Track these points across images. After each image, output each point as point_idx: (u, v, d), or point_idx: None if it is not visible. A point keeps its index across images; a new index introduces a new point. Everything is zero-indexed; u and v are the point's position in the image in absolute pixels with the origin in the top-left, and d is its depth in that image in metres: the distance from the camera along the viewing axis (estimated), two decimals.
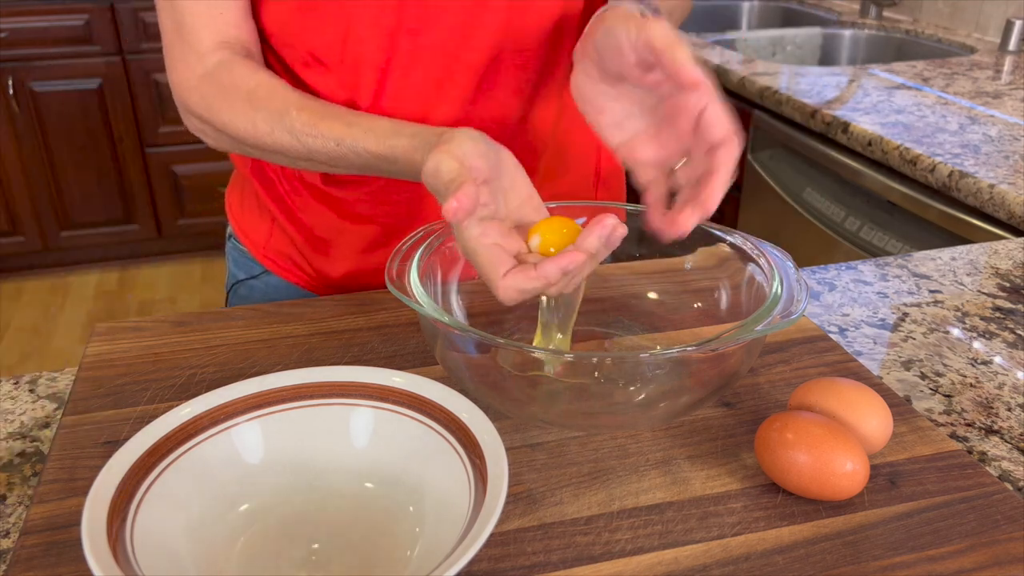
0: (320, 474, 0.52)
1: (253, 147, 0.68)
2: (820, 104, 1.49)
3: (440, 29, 0.70)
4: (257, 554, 0.47)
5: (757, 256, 0.60)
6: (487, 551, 0.48)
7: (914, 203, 1.30)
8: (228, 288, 0.92)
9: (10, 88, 2.56)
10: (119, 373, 0.64)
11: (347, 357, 0.66)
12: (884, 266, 0.86)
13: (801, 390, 0.56)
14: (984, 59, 1.82)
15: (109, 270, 2.97)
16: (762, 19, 2.51)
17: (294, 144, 0.65)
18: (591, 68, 0.58)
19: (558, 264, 0.50)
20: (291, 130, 0.65)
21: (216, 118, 0.68)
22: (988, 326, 0.75)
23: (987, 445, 0.60)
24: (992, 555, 0.48)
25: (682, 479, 0.54)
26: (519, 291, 0.51)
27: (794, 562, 0.47)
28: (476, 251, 0.52)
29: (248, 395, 0.52)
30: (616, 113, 0.58)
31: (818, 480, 0.50)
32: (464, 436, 0.49)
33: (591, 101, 0.59)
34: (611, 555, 0.48)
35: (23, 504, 0.53)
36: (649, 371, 0.56)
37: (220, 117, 0.68)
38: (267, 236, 0.86)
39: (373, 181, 0.77)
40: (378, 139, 0.62)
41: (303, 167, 0.70)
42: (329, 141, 0.64)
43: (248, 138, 0.67)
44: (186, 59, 0.69)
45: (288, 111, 0.65)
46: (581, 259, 0.50)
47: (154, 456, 0.48)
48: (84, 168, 2.74)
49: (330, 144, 0.64)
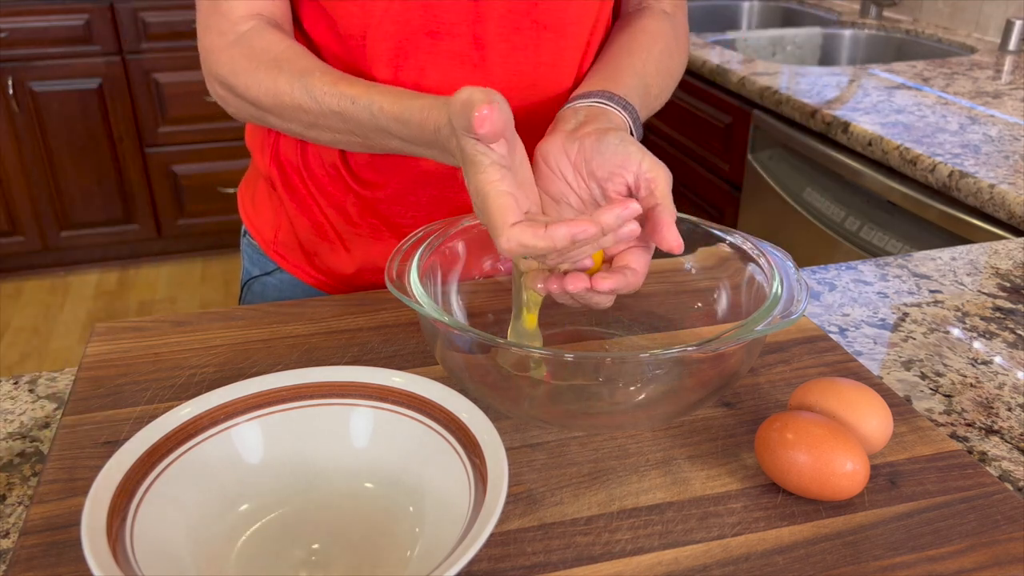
0: (320, 474, 0.52)
1: (272, 108, 0.69)
2: (820, 104, 1.49)
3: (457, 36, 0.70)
4: (257, 554, 0.47)
5: (757, 256, 0.60)
6: (487, 551, 0.48)
7: (914, 203, 1.30)
8: (243, 284, 0.94)
9: (10, 88, 2.56)
10: (119, 373, 0.64)
11: (347, 357, 0.66)
12: (884, 266, 0.86)
13: (801, 390, 0.56)
14: (984, 59, 1.82)
15: (109, 270, 2.97)
16: (762, 19, 2.51)
17: (311, 104, 0.66)
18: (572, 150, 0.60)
19: (569, 228, 0.49)
20: (311, 90, 0.66)
21: (240, 81, 0.69)
22: (988, 326, 0.75)
23: (987, 445, 0.60)
24: (992, 555, 0.48)
25: (682, 479, 0.54)
26: (522, 245, 0.50)
27: (794, 562, 0.47)
28: (488, 195, 0.51)
29: (248, 395, 0.52)
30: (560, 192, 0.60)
31: (818, 480, 0.50)
32: (464, 436, 0.49)
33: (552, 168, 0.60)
34: (611, 555, 0.48)
35: (23, 504, 0.53)
36: (649, 371, 0.56)
37: (244, 79, 0.69)
38: (276, 231, 0.86)
39: (396, 178, 0.77)
40: (394, 99, 0.62)
41: (315, 137, 0.70)
42: (346, 99, 0.65)
43: (268, 99, 0.68)
44: (219, 26, 0.71)
45: (312, 72, 0.66)
46: (593, 230, 0.50)
47: (154, 456, 0.48)
48: (84, 168, 2.74)
49: (346, 103, 0.65)
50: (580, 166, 0.59)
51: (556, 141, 0.61)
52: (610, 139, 0.58)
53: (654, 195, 0.55)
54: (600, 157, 0.58)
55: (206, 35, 0.72)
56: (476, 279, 0.67)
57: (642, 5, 0.81)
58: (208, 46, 0.72)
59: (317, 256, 0.85)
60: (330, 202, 0.81)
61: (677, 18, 0.81)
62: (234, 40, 0.70)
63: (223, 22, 0.70)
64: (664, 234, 0.54)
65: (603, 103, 0.66)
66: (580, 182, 0.60)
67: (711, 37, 2.04)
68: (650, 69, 0.74)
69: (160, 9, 2.62)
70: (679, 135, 2.01)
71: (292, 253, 0.86)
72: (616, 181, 0.58)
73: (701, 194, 1.94)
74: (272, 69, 0.68)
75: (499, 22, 0.71)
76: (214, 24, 0.71)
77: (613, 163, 0.57)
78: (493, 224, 0.51)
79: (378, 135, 0.65)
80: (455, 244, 0.64)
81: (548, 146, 0.61)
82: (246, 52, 0.69)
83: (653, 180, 0.56)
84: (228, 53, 0.70)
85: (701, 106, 1.88)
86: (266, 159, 0.84)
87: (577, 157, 0.59)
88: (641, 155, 0.57)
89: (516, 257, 0.56)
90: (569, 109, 0.66)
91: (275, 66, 0.68)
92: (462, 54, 0.71)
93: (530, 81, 0.74)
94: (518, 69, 0.73)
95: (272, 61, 0.68)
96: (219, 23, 0.70)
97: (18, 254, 2.84)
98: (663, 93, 0.77)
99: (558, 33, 0.73)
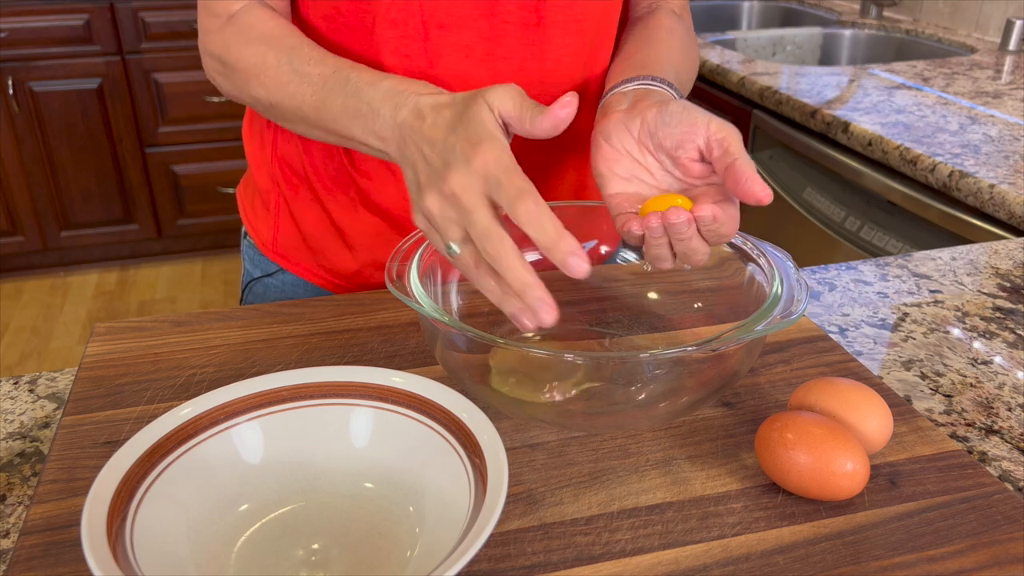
0: (320, 474, 0.52)
1: (260, 84, 0.69)
2: (820, 104, 1.49)
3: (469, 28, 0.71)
4: (257, 554, 0.47)
5: (757, 256, 0.60)
6: (487, 551, 0.48)
7: (914, 203, 1.30)
8: (244, 285, 0.93)
9: (10, 88, 2.56)
10: (119, 373, 0.64)
11: (347, 357, 0.66)
12: (884, 266, 0.86)
13: (801, 390, 0.56)
14: (984, 59, 1.82)
15: (109, 270, 2.97)
16: (762, 19, 2.51)
17: (293, 79, 0.66)
18: (634, 126, 0.59)
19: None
20: (296, 63, 0.66)
21: (230, 55, 0.70)
22: (988, 326, 0.75)
23: (987, 445, 0.60)
24: (992, 555, 0.48)
25: (682, 479, 0.54)
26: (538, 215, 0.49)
27: (794, 562, 0.47)
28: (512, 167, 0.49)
29: (248, 395, 0.52)
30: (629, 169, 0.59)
31: (818, 480, 0.50)
32: (464, 436, 0.49)
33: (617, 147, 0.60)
34: (611, 555, 0.48)
35: (23, 504, 0.53)
36: (649, 371, 0.56)
37: (234, 53, 0.70)
38: (276, 233, 0.86)
39: (399, 174, 0.77)
40: (372, 73, 0.62)
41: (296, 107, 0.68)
42: (328, 67, 0.65)
43: (256, 72, 0.69)
44: (214, 8, 0.72)
45: (300, 48, 0.67)
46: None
47: (154, 456, 0.48)
48: (84, 168, 2.74)
49: (328, 70, 0.65)
50: (645, 140, 0.59)
51: (615, 120, 0.60)
52: (672, 108, 0.58)
53: (729, 152, 0.54)
54: (666, 128, 0.57)
55: (203, 15, 0.74)
56: None
57: (652, 7, 0.81)
58: (204, 27, 0.73)
59: (321, 253, 0.85)
60: (332, 199, 0.81)
61: (685, 20, 0.82)
62: (227, 20, 0.71)
63: (218, 5, 0.72)
64: (748, 186, 0.53)
65: (647, 84, 0.65)
66: (648, 156, 0.59)
67: (711, 37, 2.04)
68: (675, 59, 0.73)
69: (160, 9, 2.62)
70: None
71: (294, 252, 0.86)
72: (688, 147, 0.57)
73: None
74: (261, 44, 0.69)
75: (506, 17, 0.71)
76: (210, 6, 0.73)
77: (680, 131, 0.57)
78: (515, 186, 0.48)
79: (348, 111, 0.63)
80: None
81: (607, 127, 0.60)
82: (236, 29, 0.71)
83: (725, 139, 0.55)
84: (221, 32, 0.71)
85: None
86: (265, 157, 0.84)
87: (641, 131, 0.59)
88: (708, 118, 0.56)
89: None
90: (616, 94, 0.65)
91: (264, 42, 0.69)
92: (471, 47, 0.71)
93: (537, 78, 0.74)
94: (524, 65, 0.73)
95: (261, 36, 0.69)
96: (214, 4, 0.72)
97: (18, 254, 2.84)
98: (688, 84, 0.77)
99: (564, 30, 0.73)
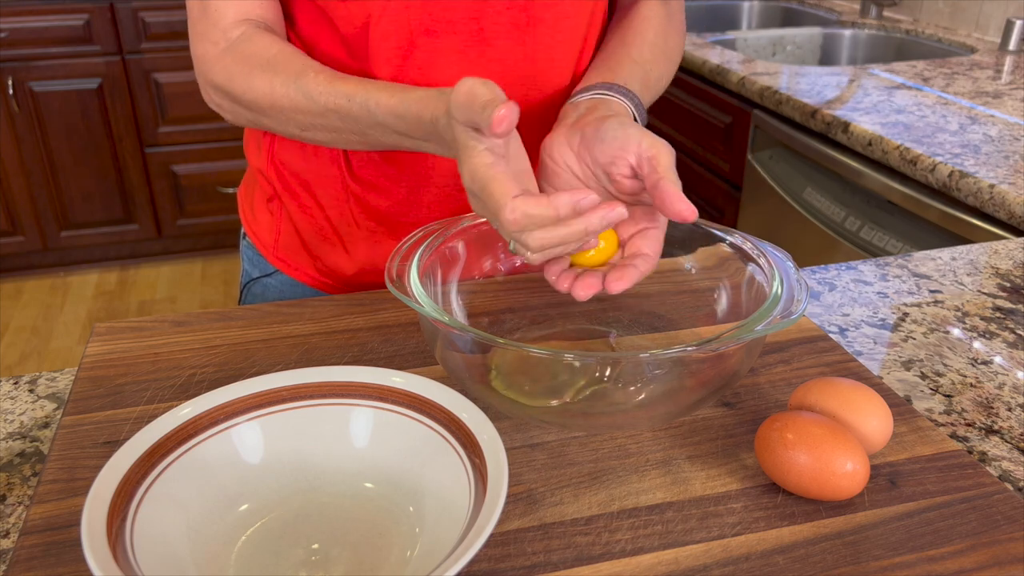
0: (320, 474, 0.52)
1: (268, 110, 0.69)
2: (820, 104, 1.49)
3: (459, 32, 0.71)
4: (257, 554, 0.47)
5: (757, 256, 0.60)
6: (487, 551, 0.48)
7: (914, 203, 1.30)
8: (242, 285, 0.93)
9: (10, 88, 2.56)
10: (119, 373, 0.64)
11: (347, 357, 0.66)
12: (884, 266, 0.86)
13: (801, 390, 0.56)
14: (984, 59, 1.82)
15: (109, 270, 2.97)
16: (762, 19, 2.51)
17: (308, 104, 0.66)
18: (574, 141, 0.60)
19: (572, 196, 0.50)
20: (307, 90, 0.66)
21: (235, 87, 0.69)
22: (988, 326, 0.75)
23: (987, 445, 0.60)
24: (992, 555, 0.48)
25: (682, 479, 0.54)
26: (526, 215, 0.50)
27: (794, 562, 0.47)
28: (485, 175, 0.51)
29: (248, 395, 0.52)
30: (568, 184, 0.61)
31: (818, 480, 0.50)
32: (464, 436, 0.49)
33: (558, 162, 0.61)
34: (611, 555, 0.48)
35: (23, 504, 0.53)
36: (649, 371, 0.56)
37: (240, 85, 0.69)
38: (276, 236, 0.86)
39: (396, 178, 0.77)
40: (391, 93, 0.63)
41: (311, 138, 0.70)
42: (341, 97, 0.65)
43: (264, 102, 0.68)
44: (209, 34, 0.71)
45: (306, 72, 0.67)
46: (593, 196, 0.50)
47: (154, 456, 0.48)
48: (84, 168, 2.74)
49: (342, 100, 0.65)
50: (583, 155, 0.60)
51: (558, 135, 0.61)
52: (609, 124, 0.58)
53: (656, 171, 0.55)
54: (601, 144, 0.58)
55: (198, 43, 0.72)
56: (476, 279, 0.67)
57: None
58: (200, 54, 0.72)
59: (319, 258, 0.85)
60: (330, 203, 0.81)
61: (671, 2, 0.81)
62: (226, 48, 0.70)
63: (213, 30, 0.70)
64: (672, 204, 0.54)
65: (603, 94, 0.67)
66: (586, 171, 0.60)
67: (711, 37, 2.04)
68: (646, 55, 0.74)
69: (160, 9, 2.62)
70: (679, 135, 2.01)
71: (294, 256, 0.86)
72: (619, 164, 0.58)
73: (701, 194, 1.94)
74: (267, 71, 0.68)
75: (496, 18, 0.71)
76: (203, 31, 0.71)
77: (614, 147, 0.57)
78: (494, 199, 0.50)
79: (375, 130, 0.65)
80: (455, 244, 0.64)
81: (551, 141, 0.61)
82: (238, 58, 0.69)
83: (654, 157, 0.56)
84: (221, 61, 0.70)
85: (701, 106, 1.88)
86: (263, 162, 0.84)
87: (580, 147, 0.60)
88: (640, 135, 0.57)
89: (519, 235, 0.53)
90: (570, 105, 0.66)
91: (269, 68, 0.68)
92: (463, 50, 0.71)
93: (528, 77, 0.74)
94: (515, 65, 0.73)
95: (266, 64, 0.68)
96: (210, 31, 0.70)
97: (18, 254, 2.83)
98: (664, 76, 0.77)
99: (553, 28, 0.74)
